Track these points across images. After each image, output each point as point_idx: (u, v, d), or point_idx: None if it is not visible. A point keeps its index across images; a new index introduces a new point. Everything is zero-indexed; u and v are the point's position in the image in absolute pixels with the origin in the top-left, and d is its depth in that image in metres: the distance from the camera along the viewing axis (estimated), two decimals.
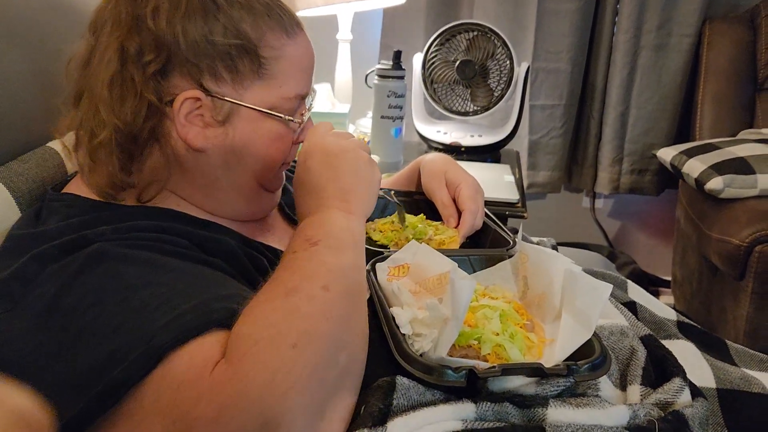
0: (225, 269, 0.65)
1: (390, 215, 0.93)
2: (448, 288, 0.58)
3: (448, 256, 0.72)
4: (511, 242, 0.81)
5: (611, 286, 0.67)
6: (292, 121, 0.74)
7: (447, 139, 1.70)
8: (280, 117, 0.72)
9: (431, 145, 1.75)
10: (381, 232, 0.89)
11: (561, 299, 0.67)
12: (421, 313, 0.61)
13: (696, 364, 0.79)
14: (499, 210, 1.35)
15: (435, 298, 0.61)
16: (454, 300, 0.56)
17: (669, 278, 2.29)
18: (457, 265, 0.65)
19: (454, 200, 0.93)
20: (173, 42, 0.66)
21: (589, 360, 0.60)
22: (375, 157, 1.49)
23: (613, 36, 2.11)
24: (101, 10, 0.69)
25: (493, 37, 1.68)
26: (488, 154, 1.72)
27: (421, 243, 0.82)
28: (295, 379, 0.50)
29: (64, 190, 0.73)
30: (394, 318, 0.61)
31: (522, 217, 1.38)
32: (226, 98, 0.69)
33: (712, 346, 0.89)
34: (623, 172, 2.19)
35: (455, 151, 1.69)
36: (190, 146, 0.69)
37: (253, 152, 0.73)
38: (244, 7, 0.69)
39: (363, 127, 1.73)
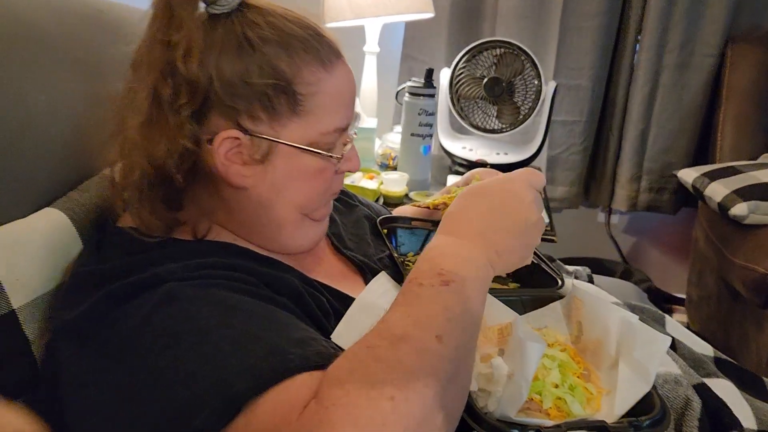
0: (292, 309, 0.65)
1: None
2: (518, 348, 0.59)
3: (501, 296, 0.73)
4: (559, 281, 0.82)
5: (670, 338, 0.67)
6: (332, 157, 0.73)
7: (473, 156, 1.70)
8: (320, 153, 0.71)
9: (456, 161, 1.76)
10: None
11: (617, 348, 0.67)
12: (484, 367, 0.62)
13: (736, 404, 0.80)
14: None
15: (498, 356, 0.61)
16: (525, 362, 0.57)
17: (682, 296, 2.30)
18: (518, 315, 0.65)
19: None
20: (208, 84, 0.65)
21: (651, 416, 0.60)
22: (404, 175, 1.50)
23: (635, 54, 2.11)
24: (139, 51, 0.69)
25: (521, 56, 1.68)
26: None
27: None
28: None
29: (122, 223, 0.74)
30: None
31: (552, 240, 1.38)
32: (264, 136, 0.68)
33: (749, 383, 0.90)
34: (641, 190, 2.20)
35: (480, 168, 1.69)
36: (231, 184, 0.69)
37: (293, 188, 0.72)
38: (279, 44, 0.68)
39: (390, 142, 1.73)
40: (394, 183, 1.46)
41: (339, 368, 0.52)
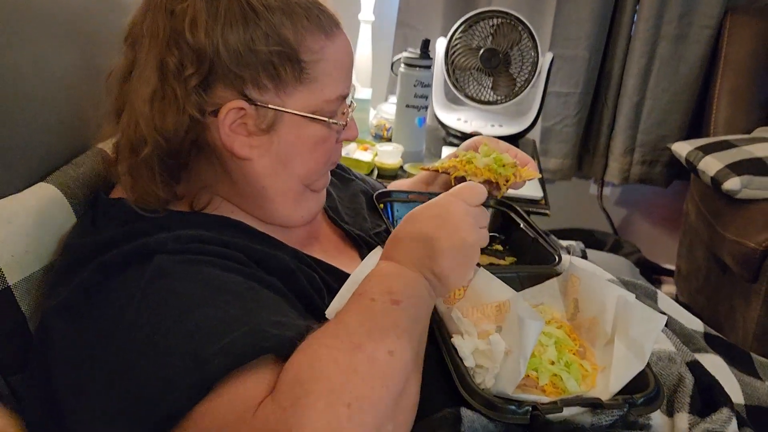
0: (280, 289, 0.66)
1: None
2: (516, 325, 0.59)
3: (499, 272, 0.73)
4: (557, 257, 0.82)
5: (665, 317, 0.68)
6: (336, 123, 0.74)
7: (467, 128, 1.69)
8: (325, 120, 0.72)
9: (450, 133, 1.74)
10: None
11: (613, 326, 0.68)
12: (482, 343, 0.62)
13: (726, 380, 0.82)
14: (522, 207, 1.35)
15: (496, 333, 0.62)
16: (523, 339, 0.58)
17: (671, 267, 2.33)
18: (516, 293, 0.65)
19: None
20: (214, 53, 0.65)
21: (645, 393, 0.61)
22: (398, 147, 1.49)
23: (633, 24, 2.09)
24: (136, 23, 0.68)
25: (519, 26, 1.66)
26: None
27: (506, 183, 0.88)
28: None
29: (115, 195, 0.73)
30: (456, 349, 0.62)
31: (545, 214, 1.38)
32: (269, 106, 0.68)
33: (737, 359, 0.91)
34: (634, 163, 2.20)
35: None
36: (235, 155, 0.69)
37: (298, 157, 0.72)
38: (283, 12, 0.67)
39: (385, 113, 1.71)
40: (389, 155, 1.45)
41: (298, 366, 0.53)
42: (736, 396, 0.81)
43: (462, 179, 0.91)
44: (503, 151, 0.95)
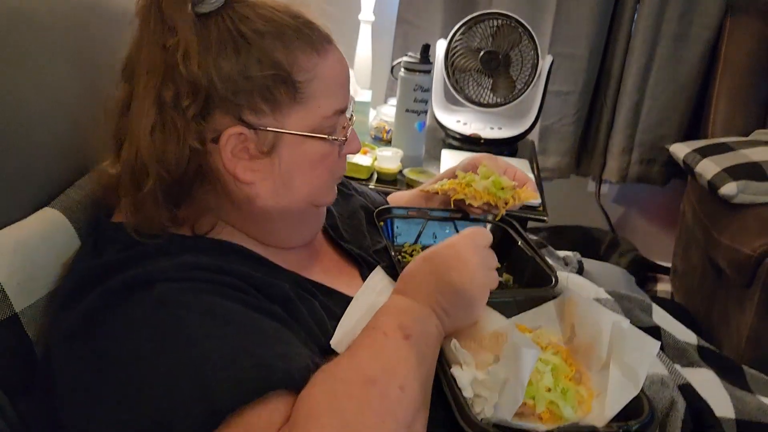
0: (282, 316, 0.66)
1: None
2: (512, 354, 0.61)
3: (495, 297, 0.74)
4: (553, 279, 0.83)
5: (659, 342, 0.70)
6: (336, 139, 0.74)
7: (467, 130, 1.69)
8: (325, 138, 0.73)
9: (449, 134, 1.75)
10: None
11: (609, 352, 0.69)
12: (480, 373, 0.64)
13: (717, 394, 0.84)
14: (520, 214, 1.36)
15: (495, 363, 0.63)
16: (520, 367, 0.59)
17: (667, 265, 2.34)
18: (512, 322, 0.66)
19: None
20: (209, 84, 0.66)
21: (639, 420, 0.63)
22: (398, 151, 1.49)
23: (633, 23, 2.08)
24: (132, 58, 0.69)
25: (519, 28, 1.66)
26: (506, 146, 1.72)
27: (505, 206, 0.90)
28: None
29: (116, 218, 0.73)
30: (455, 379, 0.64)
31: (543, 221, 1.39)
32: (268, 129, 0.69)
33: (729, 372, 0.93)
34: (633, 162, 2.20)
35: (474, 142, 1.69)
36: (239, 180, 0.70)
37: (301, 176, 0.73)
38: (274, 35, 0.68)
39: (384, 115, 1.71)
40: (388, 160, 1.46)
41: (314, 399, 0.55)
42: (727, 410, 0.82)
43: (461, 201, 0.93)
44: (502, 170, 0.96)
